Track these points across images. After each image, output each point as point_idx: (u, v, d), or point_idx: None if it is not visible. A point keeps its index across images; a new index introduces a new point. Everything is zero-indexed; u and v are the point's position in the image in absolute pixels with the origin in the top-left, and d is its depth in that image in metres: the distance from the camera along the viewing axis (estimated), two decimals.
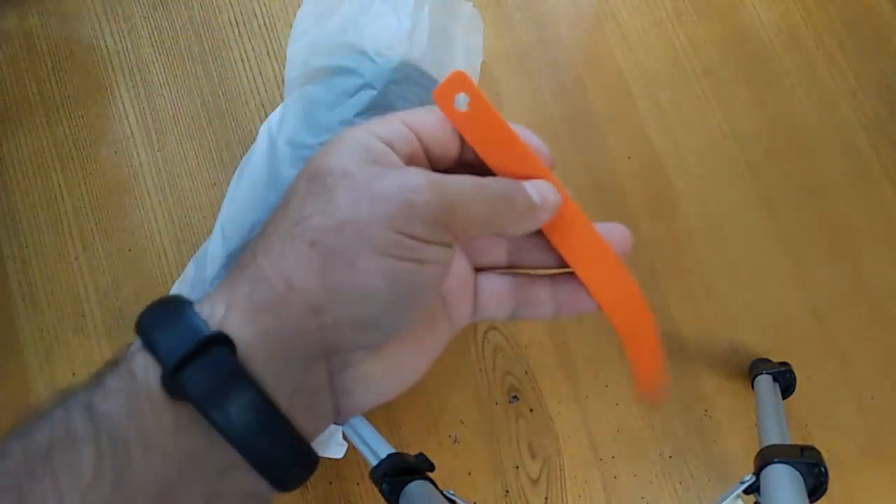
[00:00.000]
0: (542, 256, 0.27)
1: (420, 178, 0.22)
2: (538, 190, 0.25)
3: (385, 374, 0.24)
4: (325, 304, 0.21)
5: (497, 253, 0.28)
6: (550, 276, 0.27)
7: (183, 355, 0.20)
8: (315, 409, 0.22)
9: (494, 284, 0.27)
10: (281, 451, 0.21)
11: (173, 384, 0.20)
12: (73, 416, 0.19)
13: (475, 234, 0.26)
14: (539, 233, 0.26)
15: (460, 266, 0.27)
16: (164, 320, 0.21)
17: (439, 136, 0.25)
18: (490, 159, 0.25)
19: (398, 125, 0.24)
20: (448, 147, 0.25)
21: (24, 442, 0.19)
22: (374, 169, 0.22)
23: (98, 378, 0.20)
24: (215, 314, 0.21)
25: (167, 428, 0.20)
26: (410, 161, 0.24)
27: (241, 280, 0.21)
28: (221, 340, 0.20)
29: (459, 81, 0.24)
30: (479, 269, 0.28)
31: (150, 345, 0.20)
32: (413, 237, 0.22)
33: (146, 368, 0.20)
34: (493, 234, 0.27)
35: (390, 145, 0.23)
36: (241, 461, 0.20)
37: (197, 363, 0.20)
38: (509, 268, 0.27)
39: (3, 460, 0.18)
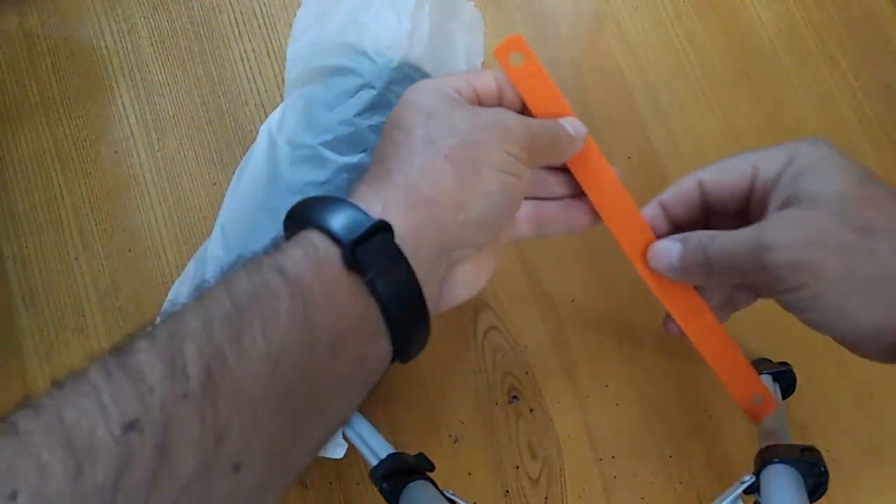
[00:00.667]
0: (555, 189, 0.34)
1: (509, 114, 0.30)
2: (572, 125, 0.33)
3: (473, 273, 0.31)
4: (465, 202, 0.27)
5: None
6: (562, 200, 0.35)
7: (359, 237, 0.24)
8: (431, 297, 0.27)
9: (525, 209, 0.34)
10: (414, 325, 0.26)
11: (352, 258, 0.24)
12: (269, 275, 0.23)
13: (542, 160, 0.32)
14: (550, 169, 0.34)
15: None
16: (334, 210, 0.25)
17: (490, 89, 0.31)
18: (534, 105, 0.33)
19: (462, 81, 0.30)
20: (493, 99, 0.32)
21: (229, 290, 0.22)
22: (464, 107, 0.29)
23: (277, 248, 0.24)
24: (372, 209, 0.26)
25: (345, 292, 0.24)
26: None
27: (390, 186, 0.27)
28: (386, 228, 0.25)
29: (516, 43, 0.32)
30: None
31: (326, 227, 0.25)
32: (515, 157, 0.29)
33: (327, 244, 0.25)
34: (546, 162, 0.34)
35: (459, 93, 0.30)
36: (385, 330, 0.25)
37: (368, 245, 0.24)
38: (532, 198, 0.34)
39: (217, 299, 0.22)
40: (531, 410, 0.51)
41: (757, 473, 0.37)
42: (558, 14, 0.58)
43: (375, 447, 0.41)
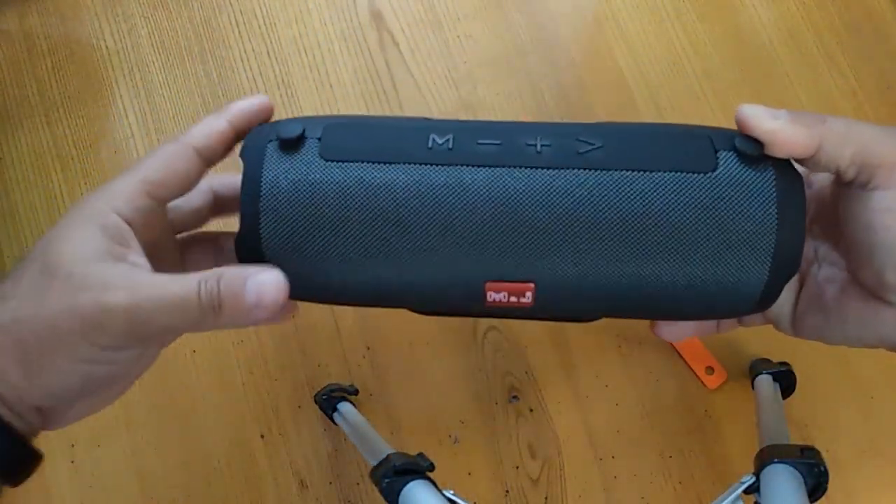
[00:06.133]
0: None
1: (121, 297, 0.25)
2: (258, 288, 0.26)
3: (90, 405, 0.29)
4: (25, 392, 0.26)
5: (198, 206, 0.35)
6: None
7: None
8: (33, 429, 0.27)
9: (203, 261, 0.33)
10: (3, 454, 0.26)
11: None
12: None
13: (173, 337, 0.30)
14: None
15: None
16: None
17: (177, 182, 0.29)
18: None
19: (140, 198, 0.27)
20: (187, 184, 0.30)
21: None
22: (97, 267, 0.25)
23: None
24: None
25: None
26: (150, 224, 0.28)
27: None
28: None
29: None
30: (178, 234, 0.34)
31: None
32: (105, 347, 0.25)
33: None
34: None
35: (130, 223, 0.27)
36: None
37: None
38: None
39: None
40: (531, 410, 0.51)
41: (757, 473, 0.37)
42: (558, 14, 0.58)
43: (375, 447, 0.41)
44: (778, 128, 0.28)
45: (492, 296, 0.30)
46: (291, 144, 0.30)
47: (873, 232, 0.27)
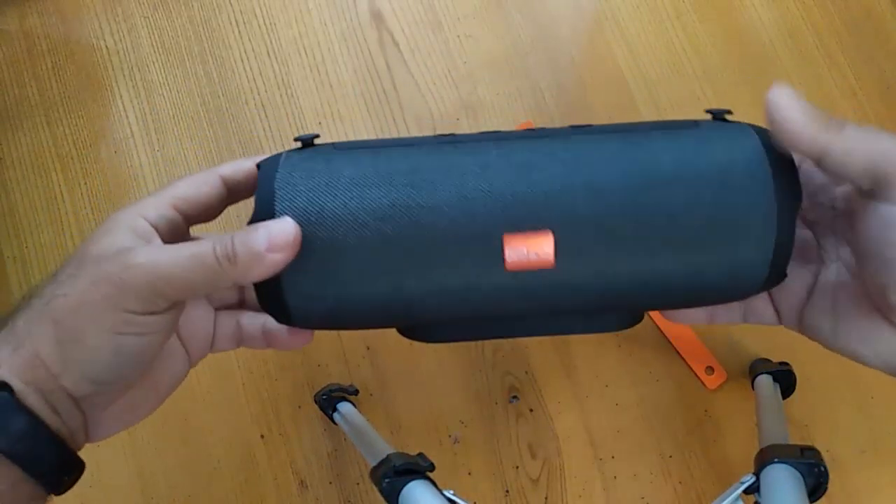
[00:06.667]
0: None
1: (141, 257, 0.27)
2: (268, 232, 0.27)
3: (127, 409, 0.31)
4: (62, 371, 0.27)
5: (230, 294, 0.36)
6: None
7: None
8: (76, 438, 0.29)
9: (227, 322, 0.34)
10: (50, 462, 0.27)
11: None
12: None
13: (196, 296, 0.31)
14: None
15: (200, 311, 0.34)
16: None
17: (202, 203, 0.31)
18: None
19: (167, 209, 0.30)
20: (211, 210, 0.32)
21: None
22: (121, 253, 0.27)
23: None
24: None
25: None
26: (174, 232, 0.30)
27: (5, 343, 0.27)
28: (5, 388, 0.26)
29: None
30: (218, 309, 0.35)
31: None
32: (137, 312, 0.27)
33: None
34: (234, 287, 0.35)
35: (156, 227, 0.29)
36: (24, 474, 0.26)
37: None
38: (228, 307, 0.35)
39: None
40: (531, 410, 0.51)
41: (757, 473, 0.37)
42: (558, 14, 0.58)
43: (375, 447, 0.41)
44: (789, 118, 0.27)
45: (510, 254, 0.29)
46: (307, 142, 0.32)
47: (883, 247, 0.27)
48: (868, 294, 0.29)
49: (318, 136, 0.32)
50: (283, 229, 0.27)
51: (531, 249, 0.29)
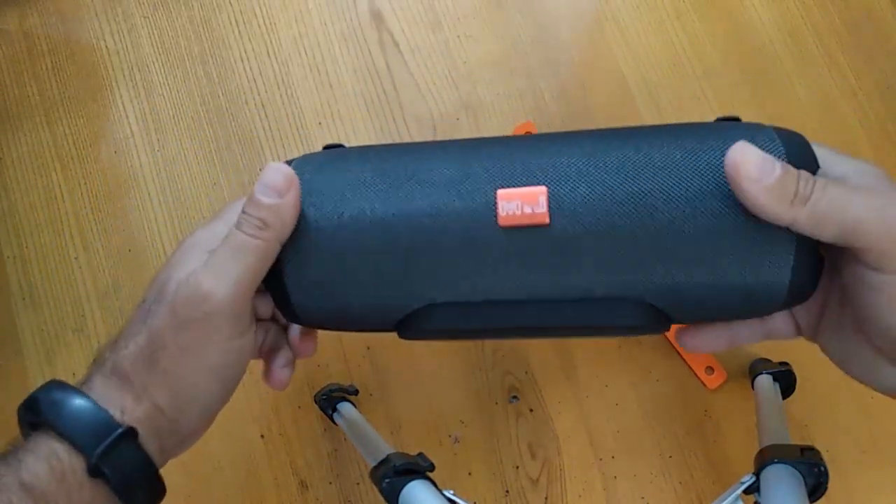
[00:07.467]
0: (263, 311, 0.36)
1: (217, 290, 0.29)
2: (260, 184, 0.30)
3: (204, 408, 0.32)
4: (179, 416, 0.29)
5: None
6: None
7: (103, 450, 0.26)
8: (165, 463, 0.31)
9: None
10: (143, 498, 0.29)
11: (97, 469, 0.26)
12: (13, 495, 0.25)
13: (259, 281, 0.32)
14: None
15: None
16: (75, 412, 0.27)
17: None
18: None
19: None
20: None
21: None
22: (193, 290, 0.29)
23: (17, 458, 0.26)
24: (112, 405, 0.28)
25: (87, 493, 0.26)
26: None
27: (126, 391, 0.29)
28: (131, 434, 0.28)
29: None
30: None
31: (69, 436, 0.26)
32: (235, 337, 0.30)
33: (70, 454, 0.26)
34: None
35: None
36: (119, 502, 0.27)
37: (113, 455, 0.27)
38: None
39: None
40: (531, 410, 0.51)
41: (757, 473, 0.37)
42: (558, 15, 0.58)
43: (375, 447, 0.41)
44: (754, 191, 0.26)
45: (504, 207, 0.29)
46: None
47: (864, 301, 0.27)
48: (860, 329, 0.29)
49: (342, 145, 0.35)
50: (273, 174, 0.30)
51: (525, 202, 0.28)
